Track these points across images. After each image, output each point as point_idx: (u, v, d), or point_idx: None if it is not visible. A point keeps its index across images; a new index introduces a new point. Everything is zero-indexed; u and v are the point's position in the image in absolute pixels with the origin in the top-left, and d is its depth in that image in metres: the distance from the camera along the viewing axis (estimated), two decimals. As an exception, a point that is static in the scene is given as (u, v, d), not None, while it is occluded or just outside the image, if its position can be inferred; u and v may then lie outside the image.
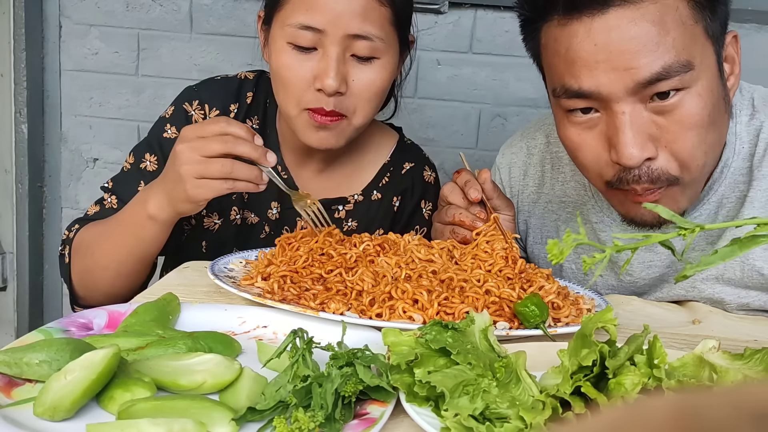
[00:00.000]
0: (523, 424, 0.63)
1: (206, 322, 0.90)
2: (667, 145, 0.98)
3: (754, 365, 0.71)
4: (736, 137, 1.13)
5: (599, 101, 0.98)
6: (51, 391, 0.65)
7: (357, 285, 0.98)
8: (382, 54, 1.20)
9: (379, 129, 1.46)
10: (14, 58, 2.18)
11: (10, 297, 2.36)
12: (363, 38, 1.17)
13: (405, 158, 1.45)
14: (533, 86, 2.13)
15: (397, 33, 1.23)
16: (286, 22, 1.18)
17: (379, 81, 1.21)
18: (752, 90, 1.18)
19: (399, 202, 1.43)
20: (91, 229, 1.25)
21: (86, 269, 1.23)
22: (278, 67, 1.21)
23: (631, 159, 0.97)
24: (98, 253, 1.20)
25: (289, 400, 0.66)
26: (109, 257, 1.19)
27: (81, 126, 2.31)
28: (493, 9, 2.11)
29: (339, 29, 1.15)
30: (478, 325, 0.76)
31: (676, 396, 0.24)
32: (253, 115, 1.37)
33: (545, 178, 1.34)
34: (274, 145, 1.37)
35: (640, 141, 0.97)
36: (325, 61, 1.16)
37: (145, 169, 1.31)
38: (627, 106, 0.96)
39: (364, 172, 1.42)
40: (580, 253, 1.30)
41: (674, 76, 0.94)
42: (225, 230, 1.37)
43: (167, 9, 2.21)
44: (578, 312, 0.98)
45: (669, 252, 1.19)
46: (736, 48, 1.06)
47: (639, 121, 0.97)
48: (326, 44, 1.16)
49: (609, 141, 1.00)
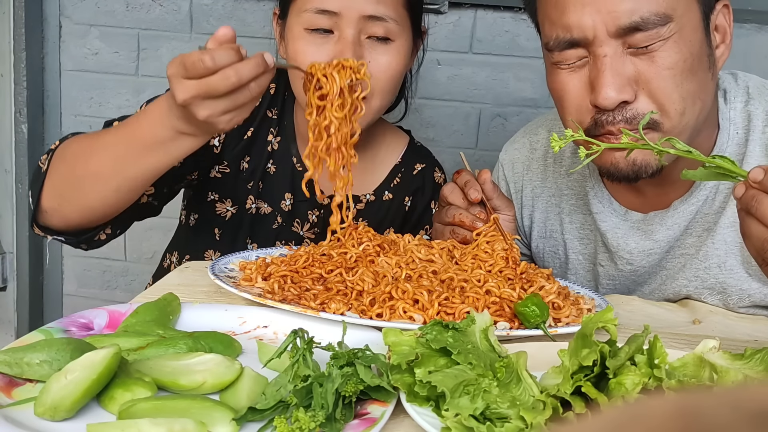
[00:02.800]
0: (523, 424, 0.63)
1: (207, 322, 0.90)
2: (645, 87, 1.01)
3: (755, 365, 0.72)
4: (730, 123, 1.16)
5: (586, 47, 1.03)
6: (51, 391, 0.65)
7: (357, 285, 0.98)
8: (396, 36, 1.23)
9: (391, 130, 1.48)
10: (14, 58, 2.18)
11: (10, 297, 2.36)
12: (378, 19, 1.20)
13: (416, 159, 1.47)
14: (533, 86, 2.13)
15: (410, 17, 1.26)
16: (302, 9, 1.21)
17: (395, 63, 1.23)
18: (747, 78, 1.20)
19: (410, 202, 1.45)
20: (88, 137, 1.14)
21: (75, 176, 1.10)
22: (295, 53, 1.22)
23: (606, 99, 1.00)
24: (99, 162, 1.08)
25: (289, 400, 0.66)
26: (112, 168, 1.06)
27: (81, 126, 2.31)
28: (493, 9, 2.11)
29: (354, 11, 1.18)
30: (479, 325, 0.76)
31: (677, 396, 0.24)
32: (274, 107, 1.39)
33: (548, 172, 1.35)
34: (290, 136, 1.39)
35: (618, 83, 1.00)
36: (342, 43, 1.18)
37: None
38: (609, 48, 1.01)
39: (375, 173, 1.43)
40: (586, 243, 1.30)
41: (651, 28, 0.99)
42: (239, 219, 1.38)
43: (167, 9, 2.21)
44: (578, 312, 0.98)
45: (667, 239, 1.20)
46: (728, 18, 1.09)
47: (619, 64, 1.01)
48: (342, 26, 1.19)
49: (590, 85, 1.03)
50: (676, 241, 1.21)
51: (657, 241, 1.21)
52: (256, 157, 1.38)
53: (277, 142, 1.39)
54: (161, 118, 1.01)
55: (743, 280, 1.17)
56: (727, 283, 1.18)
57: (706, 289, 1.20)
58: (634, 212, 1.23)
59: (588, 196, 1.28)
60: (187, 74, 0.93)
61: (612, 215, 1.25)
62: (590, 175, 1.28)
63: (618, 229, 1.24)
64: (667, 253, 1.22)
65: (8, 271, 2.35)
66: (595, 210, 1.27)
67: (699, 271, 1.19)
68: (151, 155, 1.04)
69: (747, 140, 1.15)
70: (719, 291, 1.19)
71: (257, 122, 1.37)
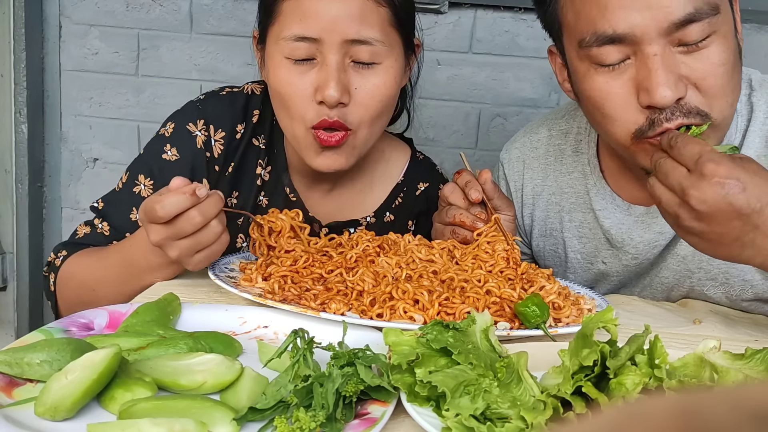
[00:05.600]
0: (524, 424, 0.63)
1: (207, 322, 0.90)
2: (697, 83, 1.00)
3: (755, 365, 0.72)
4: (737, 113, 1.16)
5: (631, 45, 1.00)
6: (52, 391, 0.65)
7: (358, 285, 0.98)
8: (384, 58, 1.14)
9: (390, 143, 1.39)
10: (14, 58, 2.18)
11: (10, 297, 2.36)
12: (362, 43, 1.11)
13: (419, 177, 1.39)
14: (533, 86, 2.13)
15: (399, 34, 1.17)
16: (280, 36, 1.13)
17: (384, 87, 1.15)
18: (749, 72, 1.21)
19: (414, 227, 1.39)
20: (89, 263, 1.17)
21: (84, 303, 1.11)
22: (277, 84, 1.15)
23: (664, 98, 0.98)
24: (104, 290, 1.13)
25: (290, 400, 0.66)
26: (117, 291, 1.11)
27: (81, 126, 2.31)
28: (493, 9, 2.11)
29: (336, 35, 1.10)
30: (479, 325, 0.76)
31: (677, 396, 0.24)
32: (260, 134, 1.29)
33: (548, 170, 1.36)
34: (281, 165, 1.31)
35: (673, 80, 0.98)
36: (325, 71, 1.11)
37: (139, 194, 1.22)
38: (659, 47, 0.98)
39: (375, 192, 1.36)
40: (585, 242, 1.30)
41: (704, 18, 0.97)
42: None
43: (167, 9, 2.21)
44: (579, 312, 0.98)
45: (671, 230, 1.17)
46: (736, 7, 1.08)
47: (670, 61, 0.99)
48: (324, 53, 1.11)
49: (639, 85, 1.00)
50: None
51: (661, 233, 1.21)
52: (245, 191, 1.30)
53: (267, 172, 1.31)
54: (148, 248, 1.05)
55: (746, 271, 1.17)
56: (729, 273, 1.18)
57: (709, 280, 1.20)
58: (637, 206, 1.23)
59: (589, 194, 1.28)
60: (150, 220, 0.98)
61: (615, 211, 1.25)
62: (591, 173, 1.28)
63: (622, 224, 1.24)
64: (670, 244, 1.22)
65: (8, 271, 2.34)
66: (598, 207, 1.27)
67: (702, 262, 1.20)
68: (149, 276, 1.10)
69: (747, 130, 1.15)
70: (722, 282, 1.19)
71: (239, 154, 1.28)
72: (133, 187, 1.24)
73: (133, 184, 1.24)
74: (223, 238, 1.02)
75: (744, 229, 0.87)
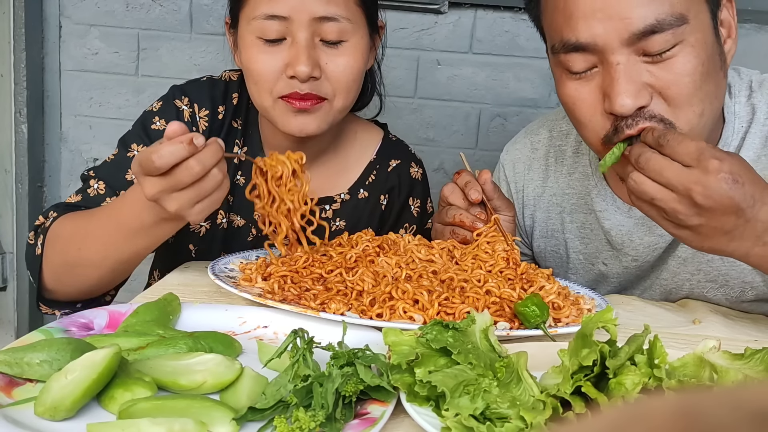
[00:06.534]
0: (523, 424, 0.63)
1: (207, 322, 0.90)
2: (662, 92, 1.00)
3: (755, 365, 0.72)
4: (735, 116, 1.16)
5: (596, 53, 1.00)
6: (52, 390, 0.65)
7: (357, 285, 0.98)
8: (350, 36, 1.20)
9: (363, 126, 1.45)
10: (14, 58, 2.18)
11: (10, 297, 2.36)
12: (330, 19, 1.17)
13: (391, 155, 1.44)
14: (533, 86, 2.13)
15: (363, 14, 1.23)
16: (251, 17, 1.18)
17: (353, 62, 1.21)
18: (750, 74, 1.21)
19: (386, 201, 1.42)
20: (77, 221, 1.15)
21: (68, 264, 1.13)
22: (248, 60, 1.20)
23: (623, 107, 0.98)
24: (89, 250, 1.10)
25: (289, 400, 0.66)
26: (104, 254, 1.09)
27: (81, 126, 2.31)
28: (493, 9, 2.11)
29: (304, 13, 1.16)
30: (479, 325, 0.76)
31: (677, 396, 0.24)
32: (238, 117, 1.36)
33: (549, 171, 1.36)
34: (257, 145, 1.36)
35: (634, 90, 0.98)
36: (295, 48, 1.16)
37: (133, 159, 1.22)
38: (622, 56, 0.99)
39: (349, 171, 1.41)
40: (587, 243, 1.31)
41: (667, 29, 0.97)
42: (212, 234, 1.35)
43: (167, 9, 2.22)
44: (578, 312, 0.98)
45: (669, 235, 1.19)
46: (732, 12, 1.08)
47: (633, 70, 0.99)
48: (294, 31, 1.16)
49: (604, 93, 1.02)
50: None
51: (661, 236, 1.21)
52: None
53: (243, 152, 1.35)
54: (141, 206, 1.01)
55: (746, 273, 1.17)
56: (729, 275, 1.18)
57: (708, 282, 1.20)
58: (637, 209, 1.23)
59: (591, 195, 1.28)
60: (146, 172, 0.93)
61: (616, 212, 1.25)
62: (593, 174, 1.29)
63: (622, 226, 1.24)
64: (670, 247, 1.22)
65: (8, 271, 2.35)
66: (599, 208, 1.27)
67: (702, 264, 1.20)
68: (138, 239, 1.07)
69: (748, 131, 1.15)
70: (722, 284, 1.19)
71: (222, 136, 1.32)
72: (127, 153, 1.28)
73: (127, 151, 1.28)
74: (224, 185, 0.98)
75: (737, 222, 0.89)
